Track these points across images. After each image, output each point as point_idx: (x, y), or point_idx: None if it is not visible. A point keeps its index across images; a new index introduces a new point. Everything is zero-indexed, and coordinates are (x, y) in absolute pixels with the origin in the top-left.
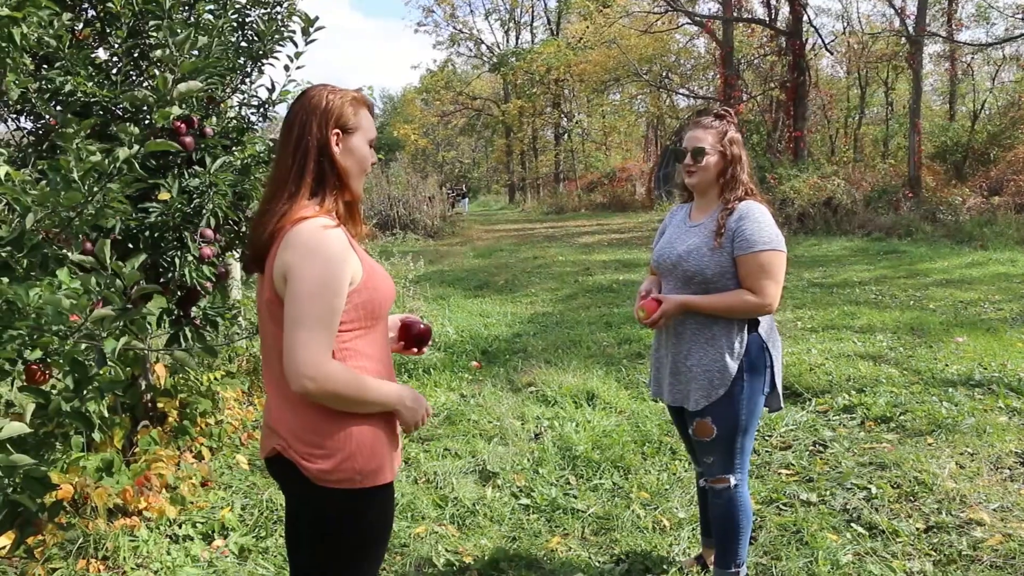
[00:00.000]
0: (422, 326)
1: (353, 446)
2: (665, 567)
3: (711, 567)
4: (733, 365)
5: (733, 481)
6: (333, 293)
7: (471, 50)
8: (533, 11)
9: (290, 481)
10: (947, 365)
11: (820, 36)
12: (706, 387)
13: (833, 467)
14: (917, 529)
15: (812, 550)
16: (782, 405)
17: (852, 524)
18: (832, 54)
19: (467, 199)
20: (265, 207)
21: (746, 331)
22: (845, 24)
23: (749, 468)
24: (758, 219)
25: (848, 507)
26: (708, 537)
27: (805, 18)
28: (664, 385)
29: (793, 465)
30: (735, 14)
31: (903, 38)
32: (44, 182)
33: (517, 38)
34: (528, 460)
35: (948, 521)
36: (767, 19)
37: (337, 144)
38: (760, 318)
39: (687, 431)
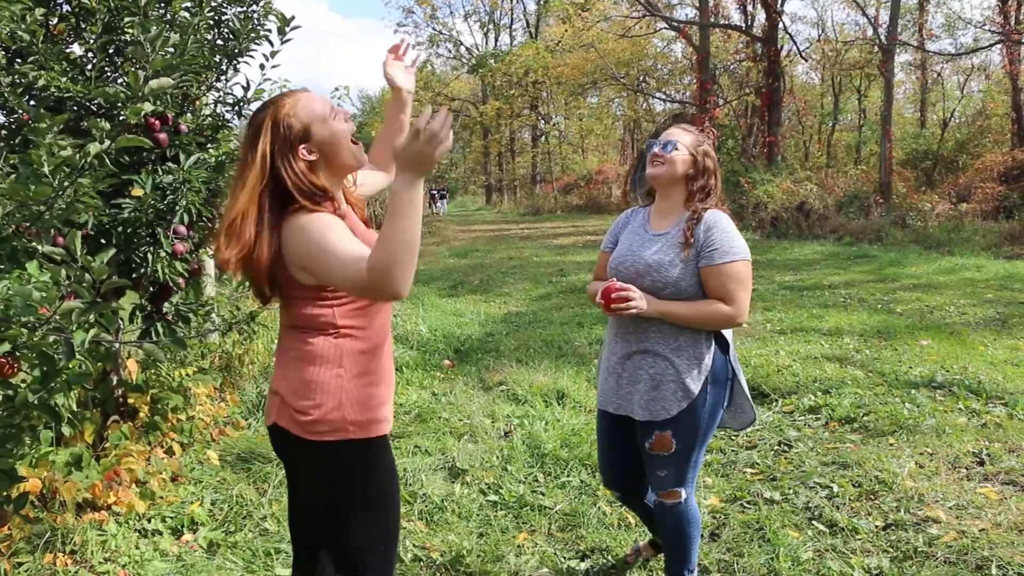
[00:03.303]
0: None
1: (343, 396)
2: (629, 563)
3: (641, 557)
4: (700, 377)
5: (684, 495)
6: (335, 233)
7: (450, 51)
8: (512, 13)
9: (289, 449)
10: (911, 367)
11: (795, 43)
12: (670, 399)
13: (797, 466)
14: (876, 527)
15: (774, 547)
16: (755, 416)
17: (813, 522)
18: (807, 61)
19: (445, 199)
20: None
21: (713, 342)
22: (820, 31)
23: (720, 469)
24: (726, 229)
25: (810, 505)
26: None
27: (781, 25)
28: (616, 395)
29: (758, 464)
30: (712, 20)
31: (875, 46)
32: (13, 176)
33: (496, 40)
34: (497, 458)
35: (906, 519)
36: (743, 25)
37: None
38: (724, 331)
39: (615, 448)
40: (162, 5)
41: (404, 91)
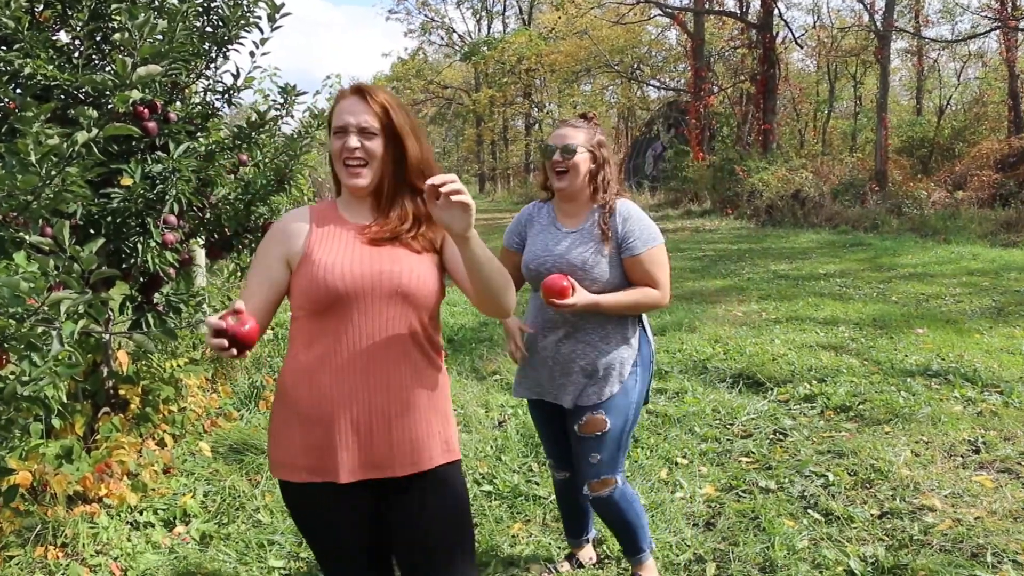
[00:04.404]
0: (245, 328)
1: (272, 430)
2: (622, 552)
3: (587, 564)
4: (629, 359)
5: (619, 481)
6: (255, 259)
7: (443, 39)
8: (505, 1)
9: None
10: (906, 356)
11: (791, 30)
12: (602, 383)
13: (792, 455)
14: (872, 515)
15: (769, 536)
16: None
17: (809, 510)
18: (802, 48)
19: None
20: None
21: (639, 326)
22: (815, 18)
23: (715, 458)
24: (640, 217)
25: (806, 494)
26: (575, 538)
27: (776, 11)
28: (549, 384)
29: (753, 453)
30: (706, 6)
31: (871, 33)
32: (0, 165)
33: (489, 27)
34: (491, 447)
35: (901, 507)
36: (738, 12)
37: None
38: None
39: (559, 431)
40: None
41: (457, 233)
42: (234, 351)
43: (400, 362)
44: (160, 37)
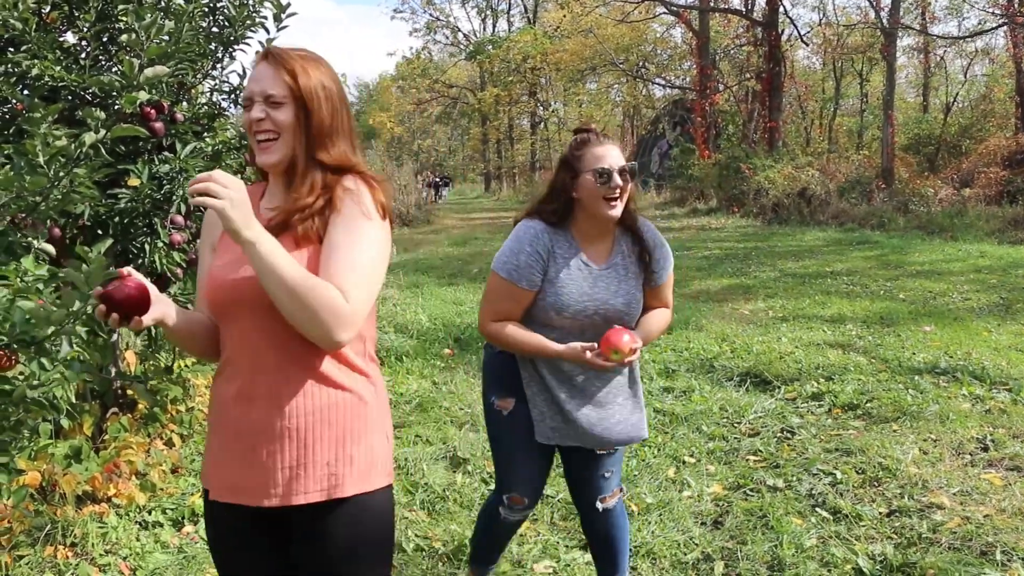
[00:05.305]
0: (124, 292)
1: None
2: (631, 551)
3: None
4: (637, 376)
5: (622, 489)
6: None
7: (448, 38)
8: None
9: None
10: (914, 354)
11: (796, 27)
12: (634, 409)
13: (800, 453)
14: (880, 513)
15: (777, 534)
16: None
17: (817, 509)
18: (808, 45)
19: (448, 187)
20: None
21: None
22: (821, 15)
23: (723, 457)
24: (663, 240)
25: (814, 492)
26: (493, 564)
27: (781, 9)
28: (600, 427)
29: (761, 451)
30: (711, 4)
31: (877, 30)
32: (8, 167)
33: (494, 26)
34: None
35: (910, 505)
36: (743, 9)
37: None
38: None
39: (548, 464)
40: None
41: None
42: (115, 316)
43: (289, 379)
44: (167, 38)
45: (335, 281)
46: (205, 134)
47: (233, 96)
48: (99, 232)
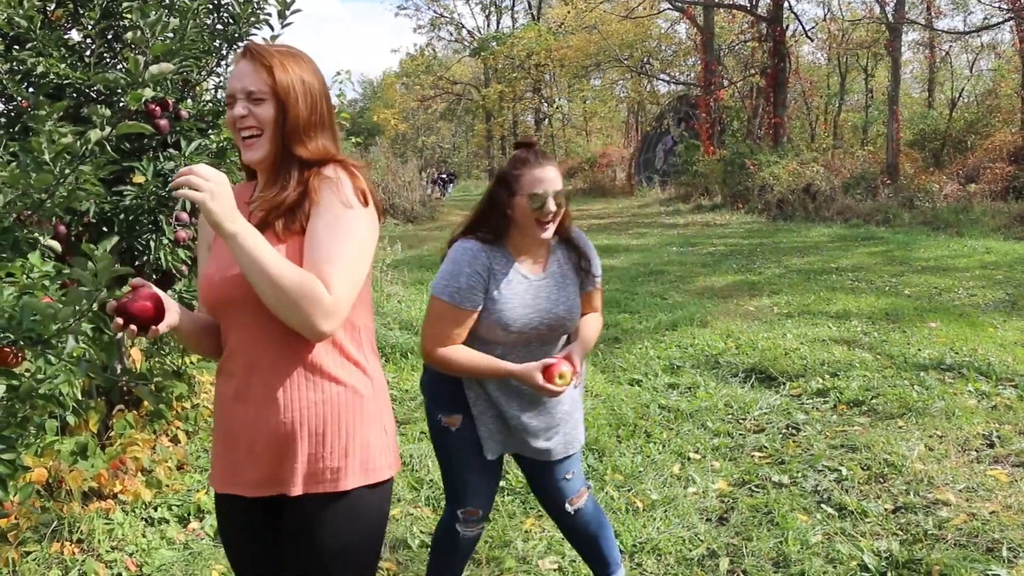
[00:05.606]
0: (137, 304)
1: None
2: (636, 547)
3: None
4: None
5: (590, 487)
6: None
7: (452, 34)
8: None
9: None
10: (919, 350)
11: (801, 22)
12: (575, 413)
13: (805, 449)
14: (885, 509)
15: (783, 530)
16: None
17: (822, 505)
18: (812, 40)
19: (454, 183)
20: None
21: None
22: (826, 11)
23: (728, 453)
24: (591, 244)
25: (819, 488)
26: None
27: (786, 4)
28: (532, 442)
29: (766, 448)
30: (716, 0)
31: (882, 25)
32: (14, 164)
33: (498, 22)
34: None
35: (916, 502)
36: (748, 5)
37: None
38: None
39: (499, 472)
40: None
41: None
42: (133, 328)
43: (283, 375)
44: (171, 35)
45: (317, 272)
46: (210, 131)
47: None
48: (104, 229)
